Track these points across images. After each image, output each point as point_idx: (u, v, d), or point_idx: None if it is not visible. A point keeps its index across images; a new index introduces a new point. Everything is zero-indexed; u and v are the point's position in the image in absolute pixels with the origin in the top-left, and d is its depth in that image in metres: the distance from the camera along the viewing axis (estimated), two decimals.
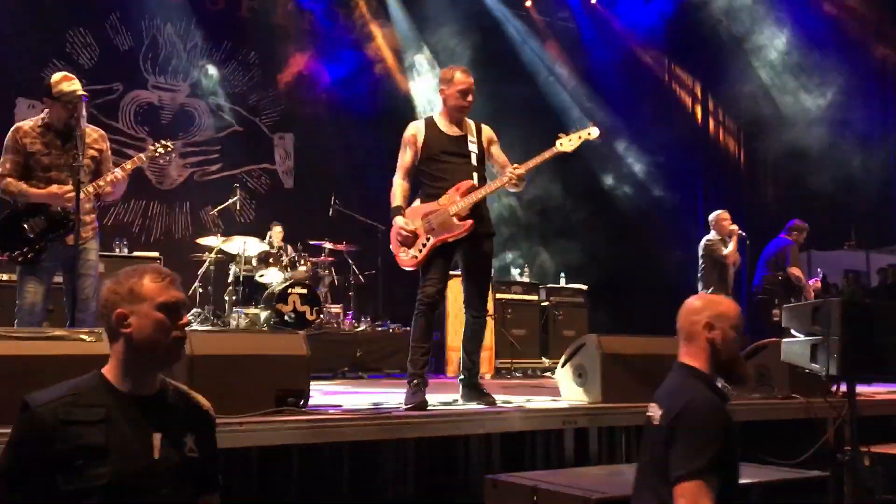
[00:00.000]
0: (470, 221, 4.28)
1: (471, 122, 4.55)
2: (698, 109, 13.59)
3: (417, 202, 4.48)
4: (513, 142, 10.42)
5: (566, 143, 4.47)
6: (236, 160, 10.71)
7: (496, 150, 4.57)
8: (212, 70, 10.64)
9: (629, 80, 13.37)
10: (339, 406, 4.06)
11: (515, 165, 4.39)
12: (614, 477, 3.37)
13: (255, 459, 3.43)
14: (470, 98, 4.46)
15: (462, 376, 4.44)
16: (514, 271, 10.20)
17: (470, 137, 4.48)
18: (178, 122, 10.44)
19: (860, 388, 4.09)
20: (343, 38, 11.60)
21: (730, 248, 8.28)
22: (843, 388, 3.93)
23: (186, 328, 2.09)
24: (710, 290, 7.91)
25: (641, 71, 13.56)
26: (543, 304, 9.32)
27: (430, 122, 4.50)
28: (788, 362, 4.07)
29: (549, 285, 9.69)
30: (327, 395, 5.08)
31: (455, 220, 4.28)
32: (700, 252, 8.41)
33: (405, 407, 3.91)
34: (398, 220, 4.35)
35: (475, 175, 4.42)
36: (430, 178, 4.42)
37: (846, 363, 3.58)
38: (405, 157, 4.46)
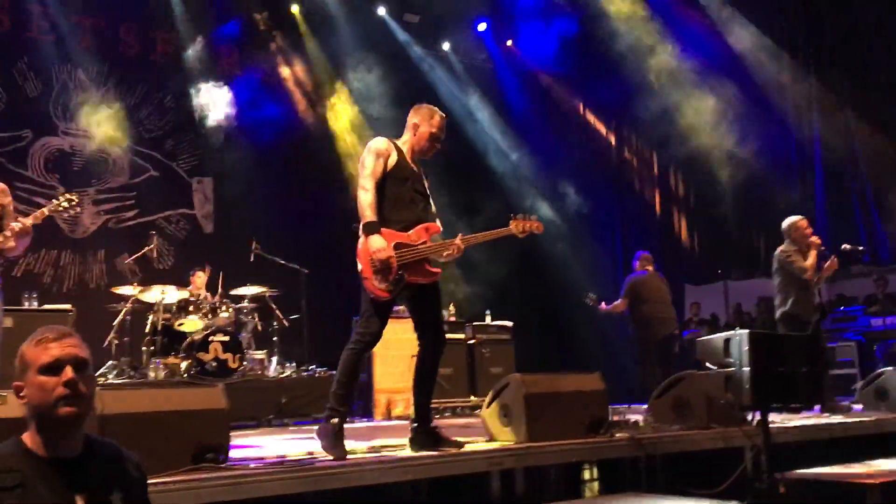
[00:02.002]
0: (439, 270, 4.25)
1: (418, 165, 4.41)
2: (613, 143, 14.00)
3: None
4: (429, 176, 10.60)
5: (517, 230, 4.46)
6: (153, 206, 10.50)
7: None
8: (126, 115, 10.42)
9: (546, 119, 13.72)
10: (261, 459, 3.96)
11: (462, 237, 4.30)
12: None
13: None
14: (439, 142, 4.37)
15: (417, 423, 4.20)
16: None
17: (423, 180, 4.38)
18: (90, 169, 10.19)
19: (773, 417, 4.24)
20: (260, 78, 11.57)
21: (808, 261, 6.79)
22: (758, 416, 4.06)
23: (80, 384, 2.02)
24: (789, 307, 6.80)
25: (557, 110, 13.93)
26: (470, 341, 9.34)
27: (398, 148, 4.26)
28: (705, 393, 4.19)
29: (474, 323, 9.73)
30: (250, 447, 4.95)
31: (427, 265, 4.18)
32: (773, 265, 7.07)
33: (320, 457, 3.77)
34: (377, 242, 3.96)
35: (434, 219, 4.35)
36: (394, 205, 4.13)
37: (757, 393, 3.71)
38: (377, 168, 4.10)
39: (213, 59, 11.28)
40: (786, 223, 7.02)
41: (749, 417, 4.46)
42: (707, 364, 4.11)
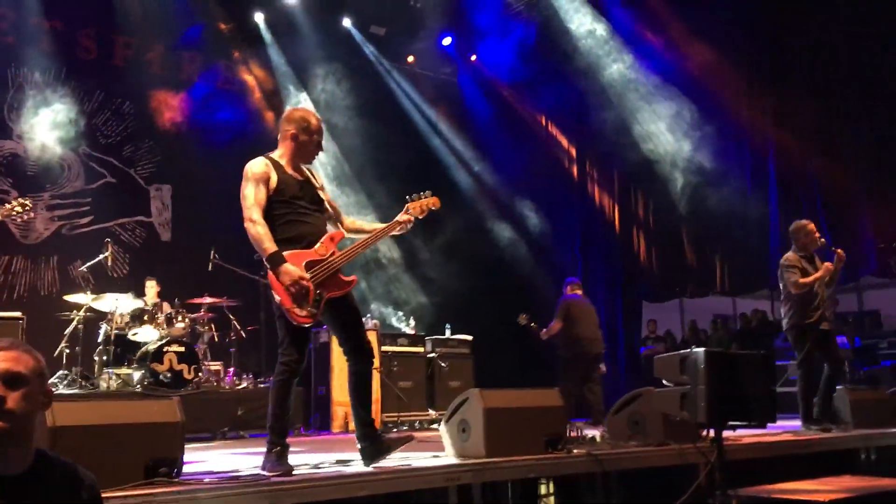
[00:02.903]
0: (354, 278, 4.20)
1: (304, 167, 4.30)
2: (574, 166, 14.13)
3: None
4: (393, 188, 10.60)
5: (417, 209, 4.38)
6: (109, 213, 10.32)
7: (328, 196, 4.36)
8: (83, 120, 10.24)
9: (509, 134, 13.82)
10: (216, 473, 3.89)
11: (408, 211, 4.32)
12: None
13: None
14: (320, 141, 4.27)
15: (363, 438, 4.11)
16: (401, 324, 10.20)
17: (314, 182, 4.27)
18: (45, 174, 9.99)
19: (727, 434, 4.30)
20: (222, 86, 11.48)
21: (809, 277, 6.49)
22: (712, 433, 4.12)
23: (7, 400, 1.95)
24: (794, 317, 6.58)
25: (521, 125, 14.04)
26: (430, 355, 9.34)
27: (276, 164, 4.13)
28: (661, 410, 4.24)
29: (434, 336, 9.73)
30: (205, 460, 4.87)
31: (341, 276, 4.10)
32: (778, 272, 6.82)
33: (270, 475, 3.72)
34: (290, 270, 3.86)
35: (335, 224, 4.29)
36: (289, 224, 4.02)
37: (712, 410, 3.76)
38: (260, 195, 3.98)
39: (173, 66, 11.16)
40: (793, 227, 6.85)
41: (704, 434, 4.52)
42: (664, 381, 4.16)
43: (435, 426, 8.34)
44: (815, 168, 10.73)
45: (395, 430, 8.15)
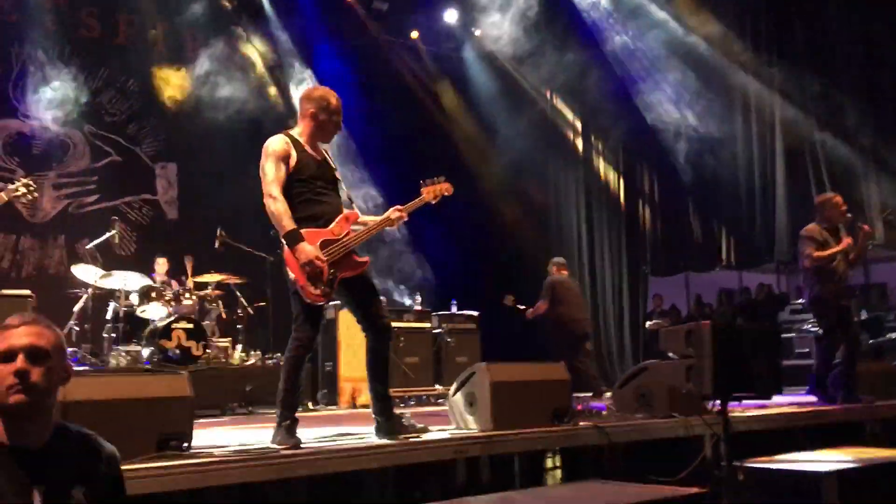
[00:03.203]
0: (367, 259, 4.22)
1: (321, 147, 4.31)
2: (579, 141, 14.07)
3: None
4: (397, 166, 10.58)
5: (430, 194, 4.40)
6: (115, 191, 10.33)
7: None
8: (88, 99, 10.23)
9: (514, 108, 13.75)
10: (226, 446, 3.94)
11: (399, 208, 4.31)
12: None
13: None
14: (339, 119, 4.27)
15: (378, 413, 4.16)
16: (406, 300, 10.24)
17: (331, 163, 4.30)
18: (51, 152, 9.98)
19: (733, 406, 4.33)
20: (227, 63, 11.41)
21: (826, 250, 6.28)
22: (718, 406, 4.14)
23: (31, 373, 2.00)
24: (815, 291, 6.44)
25: (525, 99, 13.96)
26: (436, 331, 9.37)
27: (295, 141, 4.14)
28: (667, 383, 4.26)
29: (440, 312, 9.76)
30: (215, 434, 4.92)
31: (355, 257, 4.13)
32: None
33: (279, 448, 3.76)
34: (307, 249, 3.89)
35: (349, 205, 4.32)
36: (306, 201, 4.06)
37: (718, 383, 3.78)
38: (280, 172, 4.01)
39: (177, 43, 11.11)
40: (819, 198, 6.74)
41: (710, 406, 4.55)
42: (669, 354, 4.18)
43: (442, 401, 8.38)
44: (820, 140, 10.67)
45: (402, 405, 8.21)
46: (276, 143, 4.11)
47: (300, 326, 4.06)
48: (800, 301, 10.98)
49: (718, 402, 4.03)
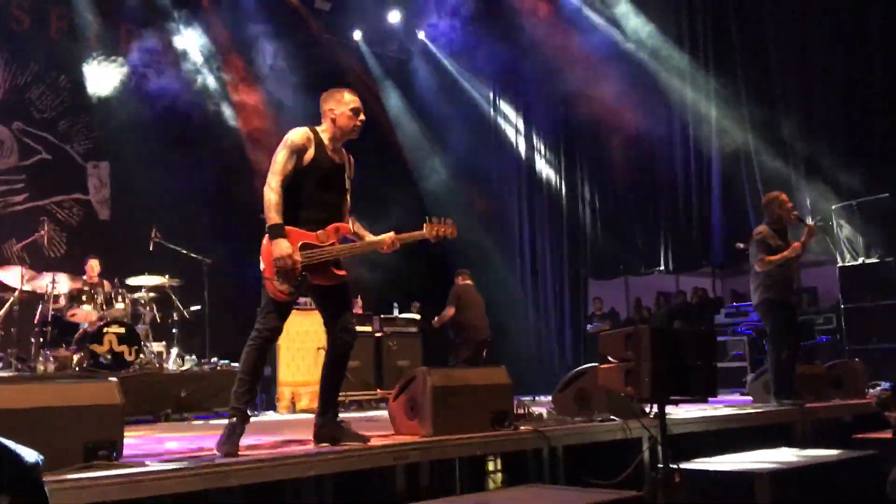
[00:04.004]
0: (345, 272, 4.14)
1: (344, 153, 4.26)
2: (521, 142, 14.17)
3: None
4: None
5: (432, 232, 4.29)
6: (45, 190, 9.99)
7: (349, 187, 4.30)
8: (16, 95, 9.87)
9: (458, 109, 13.78)
10: (158, 455, 3.82)
11: (393, 236, 4.23)
12: None
13: None
14: (362, 117, 4.19)
15: (322, 417, 4.12)
16: None
17: (347, 171, 4.22)
18: None
19: (670, 408, 4.38)
20: (161, 59, 11.16)
21: (778, 254, 6.31)
22: (656, 409, 4.18)
23: None
24: (766, 291, 6.42)
25: (469, 101, 14.01)
26: (377, 334, 9.31)
27: (318, 139, 4.07)
28: (606, 386, 4.29)
29: (382, 315, 9.69)
30: (147, 442, 4.77)
31: (333, 269, 4.06)
32: (750, 246, 6.65)
33: (217, 454, 3.68)
34: (283, 246, 3.84)
35: (347, 218, 4.23)
36: (306, 203, 4.01)
37: (656, 386, 3.82)
38: (288, 164, 3.95)
39: (110, 37, 10.80)
40: (766, 198, 6.74)
41: (648, 409, 4.60)
42: (609, 358, 4.21)
43: (382, 405, 8.33)
44: (754, 146, 10.94)
45: (342, 410, 8.10)
46: (296, 135, 4.06)
47: (265, 318, 4.00)
48: (734, 305, 11.25)
49: (656, 404, 4.07)
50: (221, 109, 11.46)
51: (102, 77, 10.53)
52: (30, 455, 2.06)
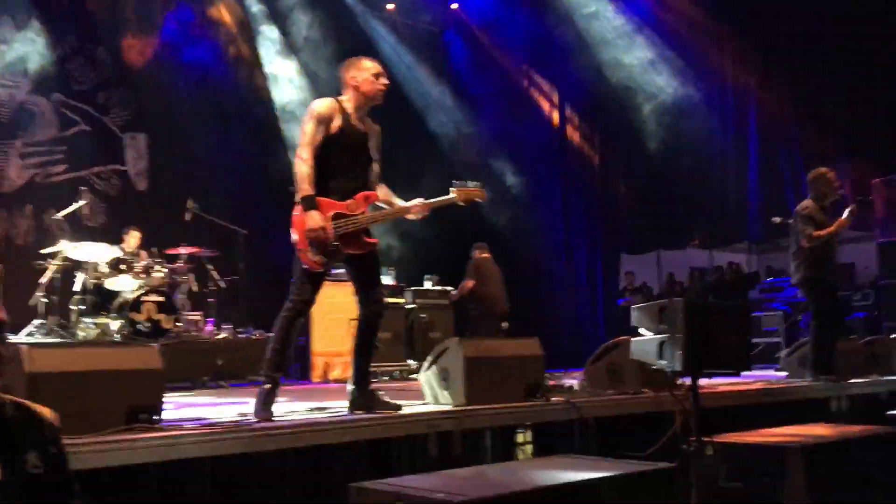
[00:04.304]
0: (376, 241, 4.20)
1: (371, 122, 4.29)
2: (556, 114, 14.06)
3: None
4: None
5: (461, 196, 4.34)
6: (83, 161, 10.15)
7: (378, 157, 4.34)
8: (56, 66, 10.00)
9: (492, 83, 13.70)
10: (197, 420, 3.91)
11: (422, 202, 4.28)
12: (478, 479, 3.42)
13: (108, 482, 3.25)
14: (385, 80, 4.21)
15: (355, 385, 4.19)
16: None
17: (370, 141, 4.25)
18: (17, 121, 9.79)
19: (703, 382, 4.37)
20: (199, 33, 11.23)
21: (824, 230, 6.21)
22: (688, 382, 4.17)
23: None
24: (806, 271, 6.36)
25: (503, 74, 13.91)
26: (409, 306, 9.36)
27: (343, 109, 4.10)
28: (638, 359, 4.28)
29: (414, 288, 9.74)
30: (186, 407, 4.88)
31: (364, 237, 4.11)
32: (793, 222, 6.51)
33: (253, 419, 3.76)
34: (315, 217, 3.89)
35: (376, 186, 4.26)
36: (333, 172, 4.04)
37: (689, 359, 3.81)
38: (317, 135, 3.99)
39: (147, 9, 10.88)
40: (812, 174, 6.56)
41: (680, 382, 4.59)
42: (641, 331, 4.20)
43: (414, 377, 8.39)
44: (795, 124, 10.76)
45: (374, 380, 8.18)
46: (321, 106, 4.09)
47: (298, 289, 4.06)
48: (769, 280, 11.13)
49: (689, 377, 4.06)
50: (256, 81, 11.52)
51: (139, 49, 10.63)
52: (46, 414, 2.12)
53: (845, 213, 6.35)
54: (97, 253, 7.92)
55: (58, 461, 2.08)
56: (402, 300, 9.31)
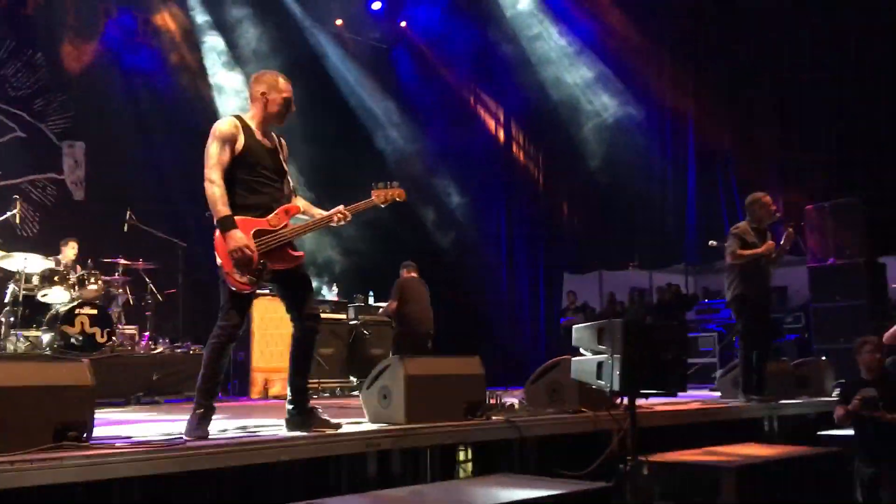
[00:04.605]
0: (302, 254, 4.13)
1: (274, 136, 4.24)
2: (501, 132, 14.21)
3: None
4: (318, 155, 10.44)
5: (380, 198, 4.27)
6: (18, 169, 9.84)
7: (288, 170, 4.29)
8: None
9: (437, 102, 13.78)
10: (128, 438, 3.80)
11: (344, 207, 4.19)
12: (416, 498, 3.41)
13: (35, 502, 3.13)
14: (293, 108, 4.18)
15: (292, 403, 4.10)
16: (324, 290, 10.12)
17: (281, 154, 4.20)
18: None
19: (640, 402, 4.43)
20: (140, 42, 11.03)
21: (756, 249, 6.35)
22: (626, 401, 4.23)
23: None
24: (736, 289, 6.49)
25: (449, 92, 14.00)
26: (352, 322, 9.30)
27: (245, 126, 4.05)
28: (578, 379, 4.33)
29: (357, 304, 9.69)
30: (118, 425, 4.75)
31: (290, 250, 4.05)
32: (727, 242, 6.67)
33: (185, 439, 3.67)
34: (237, 236, 3.81)
35: (293, 198, 4.22)
36: (247, 189, 3.97)
37: (627, 379, 3.87)
38: (223, 156, 3.91)
39: (87, 14, 10.65)
40: (749, 198, 6.70)
41: (618, 402, 4.65)
42: (581, 350, 4.25)
43: (355, 393, 8.33)
44: (731, 149, 11.07)
45: (315, 397, 8.10)
46: (223, 125, 4.01)
47: (227, 315, 3.97)
48: (705, 302, 11.38)
49: (627, 397, 4.11)
50: (200, 91, 11.36)
51: (79, 55, 10.40)
52: None
53: (783, 237, 6.54)
54: (29, 263, 7.68)
55: None
56: (343, 316, 9.26)
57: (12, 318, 7.54)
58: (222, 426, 4.35)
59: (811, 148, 10.25)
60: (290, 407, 4.13)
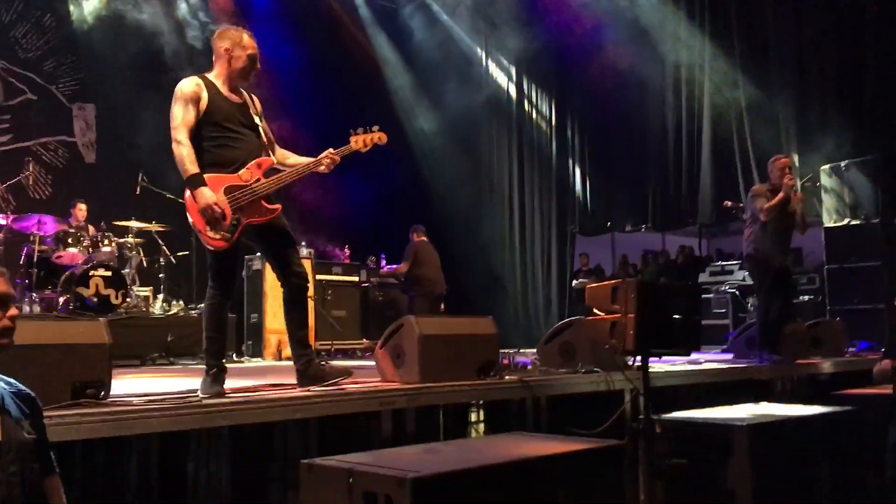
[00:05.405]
0: (279, 206, 4.10)
1: (243, 91, 4.19)
2: (514, 93, 14.08)
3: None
4: (332, 117, 10.38)
5: (360, 143, 4.25)
6: (29, 131, 9.85)
7: (265, 124, 4.25)
8: (1, 32, 9.66)
9: (451, 59, 13.63)
10: (145, 395, 3.84)
11: (332, 151, 4.17)
12: (430, 455, 3.43)
13: (55, 458, 3.18)
14: (258, 66, 4.14)
15: (300, 361, 4.14)
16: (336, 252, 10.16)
17: (251, 108, 4.17)
18: None
19: (653, 361, 4.44)
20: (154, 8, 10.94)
21: (771, 202, 6.42)
22: (639, 361, 4.24)
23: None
24: (750, 248, 6.55)
25: (461, 55, 13.85)
26: (364, 284, 9.33)
27: (209, 84, 4.03)
28: (590, 339, 4.33)
29: (370, 266, 9.71)
30: (133, 384, 4.79)
31: (264, 203, 4.02)
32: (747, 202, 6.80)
33: (202, 397, 3.71)
34: (206, 194, 3.79)
35: (266, 151, 4.18)
36: (217, 146, 3.95)
37: (640, 339, 3.86)
38: (188, 116, 3.90)
39: None
40: (770, 161, 6.76)
41: (631, 362, 4.65)
42: (594, 310, 4.24)
43: (369, 354, 8.39)
44: (745, 111, 10.95)
45: (328, 358, 8.17)
46: (186, 86, 3.99)
47: (214, 276, 4.00)
48: (719, 263, 11.34)
49: (640, 357, 4.11)
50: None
51: (89, 16, 10.32)
52: (27, 389, 2.30)
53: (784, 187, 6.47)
54: (43, 225, 7.72)
55: (43, 431, 2.28)
56: (356, 278, 9.29)
57: (27, 280, 7.60)
58: (239, 384, 4.39)
59: (828, 105, 10.12)
60: (299, 365, 4.16)
